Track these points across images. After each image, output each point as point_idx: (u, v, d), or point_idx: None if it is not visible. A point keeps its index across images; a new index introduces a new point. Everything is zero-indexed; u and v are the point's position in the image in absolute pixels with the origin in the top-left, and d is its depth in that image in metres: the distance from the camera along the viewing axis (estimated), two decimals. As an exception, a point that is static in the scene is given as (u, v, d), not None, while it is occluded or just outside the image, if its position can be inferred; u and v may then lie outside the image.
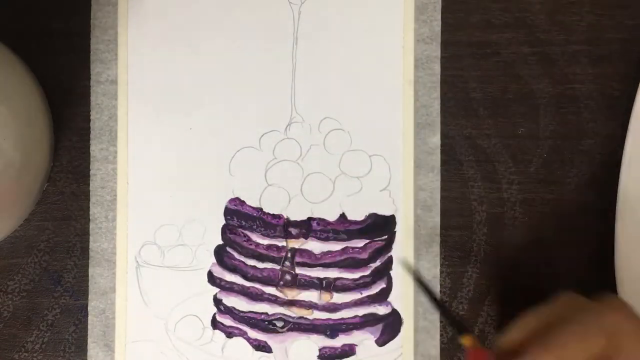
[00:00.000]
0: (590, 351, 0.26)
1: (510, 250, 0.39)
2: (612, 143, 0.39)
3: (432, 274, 0.39)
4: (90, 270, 0.39)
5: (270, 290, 0.39)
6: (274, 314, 0.39)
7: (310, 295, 0.39)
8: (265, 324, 0.39)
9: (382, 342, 0.39)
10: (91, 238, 0.39)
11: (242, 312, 0.39)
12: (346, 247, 0.39)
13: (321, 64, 0.40)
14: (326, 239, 0.39)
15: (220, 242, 0.39)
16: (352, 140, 0.39)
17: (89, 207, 0.39)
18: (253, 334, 0.39)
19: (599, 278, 0.39)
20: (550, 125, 0.39)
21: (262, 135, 0.40)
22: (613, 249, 0.37)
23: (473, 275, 0.39)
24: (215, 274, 0.39)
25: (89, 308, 0.39)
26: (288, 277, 0.39)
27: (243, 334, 0.39)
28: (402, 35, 0.39)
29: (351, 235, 0.39)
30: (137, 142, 0.40)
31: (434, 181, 0.39)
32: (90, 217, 0.39)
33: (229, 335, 0.39)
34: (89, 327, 0.39)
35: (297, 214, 0.39)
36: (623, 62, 0.39)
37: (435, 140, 0.39)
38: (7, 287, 0.40)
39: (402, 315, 0.39)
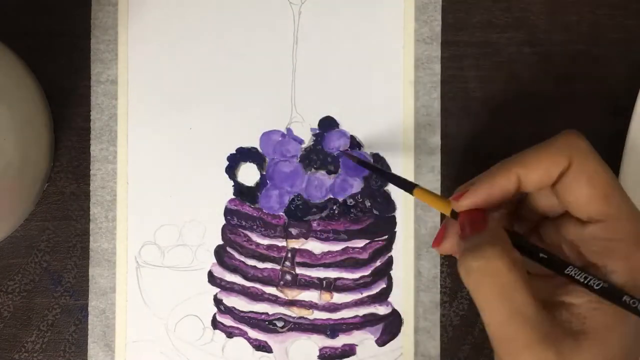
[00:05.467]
0: (549, 162, 0.29)
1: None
2: (612, 143, 0.39)
3: (432, 274, 0.39)
4: (91, 270, 0.39)
5: (270, 290, 0.39)
6: (274, 314, 0.39)
7: (311, 295, 0.39)
8: (266, 324, 0.39)
9: (382, 342, 0.39)
10: (91, 238, 0.39)
11: (243, 312, 0.39)
12: (346, 247, 0.39)
13: (321, 63, 0.40)
14: (326, 239, 0.39)
15: (221, 242, 0.39)
16: (352, 140, 0.39)
17: (89, 207, 0.39)
18: (253, 334, 0.39)
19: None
20: (550, 125, 0.39)
21: (262, 135, 0.40)
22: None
23: (473, 275, 0.39)
24: (215, 274, 0.39)
25: (89, 308, 0.39)
26: (288, 277, 0.39)
27: (243, 334, 0.39)
28: (402, 35, 0.39)
29: (351, 235, 0.39)
30: (137, 142, 0.40)
31: (434, 181, 0.39)
32: (90, 217, 0.39)
33: (229, 335, 0.39)
34: (89, 327, 0.39)
35: (297, 214, 0.39)
36: (623, 62, 0.39)
37: (435, 140, 0.39)
38: (7, 287, 0.40)
39: (402, 315, 0.39)
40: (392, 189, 0.39)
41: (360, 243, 0.39)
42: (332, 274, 0.39)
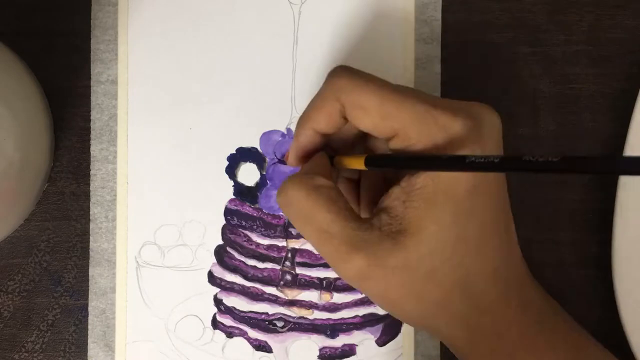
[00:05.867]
0: (327, 113, 0.32)
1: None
2: (612, 143, 0.39)
3: (432, 273, 0.39)
4: (91, 270, 0.39)
5: (270, 290, 0.39)
6: (274, 314, 0.39)
7: (311, 295, 0.39)
8: (266, 324, 0.39)
9: (382, 342, 0.39)
10: (91, 238, 0.39)
11: (243, 312, 0.39)
12: (346, 247, 0.39)
13: (321, 63, 0.40)
14: (326, 239, 0.39)
15: (221, 242, 0.39)
16: (352, 140, 0.39)
17: (89, 207, 0.39)
18: (253, 334, 0.39)
19: (598, 277, 0.39)
20: (550, 125, 0.39)
21: (262, 135, 0.40)
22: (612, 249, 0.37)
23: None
24: (215, 274, 0.39)
25: (89, 308, 0.39)
26: (288, 277, 0.39)
27: (243, 334, 0.39)
28: (402, 36, 0.39)
29: (351, 235, 0.39)
30: (137, 142, 0.40)
31: (434, 181, 0.39)
32: (90, 217, 0.39)
33: (230, 335, 0.39)
34: (89, 327, 0.39)
35: (297, 214, 0.39)
36: (623, 62, 0.39)
37: (436, 140, 0.39)
38: (7, 287, 0.40)
39: (402, 315, 0.39)
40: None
41: (360, 243, 0.39)
42: (332, 274, 0.39)
